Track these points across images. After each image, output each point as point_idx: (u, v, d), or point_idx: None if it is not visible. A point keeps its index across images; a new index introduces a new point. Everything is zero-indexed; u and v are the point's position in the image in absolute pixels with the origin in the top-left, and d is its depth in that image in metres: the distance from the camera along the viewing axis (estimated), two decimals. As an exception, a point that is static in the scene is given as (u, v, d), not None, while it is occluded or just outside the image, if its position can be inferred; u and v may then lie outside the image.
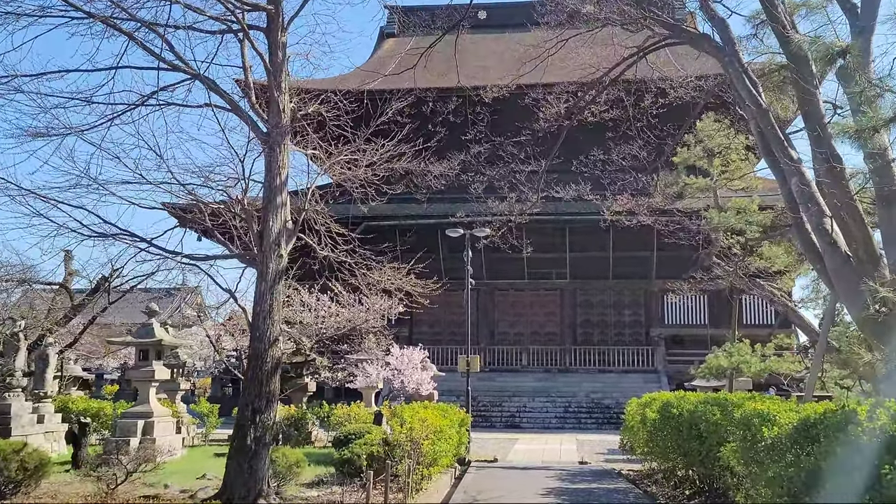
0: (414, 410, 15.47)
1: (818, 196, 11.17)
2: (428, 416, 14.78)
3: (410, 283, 16.96)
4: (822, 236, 10.90)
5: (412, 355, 22.76)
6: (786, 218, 15.79)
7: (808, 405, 8.86)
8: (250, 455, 10.93)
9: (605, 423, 32.51)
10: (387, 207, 37.74)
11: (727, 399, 12.60)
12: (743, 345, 20.17)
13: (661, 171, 18.68)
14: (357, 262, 15.27)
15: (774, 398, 12.35)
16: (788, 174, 11.50)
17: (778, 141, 11.54)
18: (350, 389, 25.15)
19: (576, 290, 38.75)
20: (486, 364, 37.44)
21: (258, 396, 11.16)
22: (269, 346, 11.35)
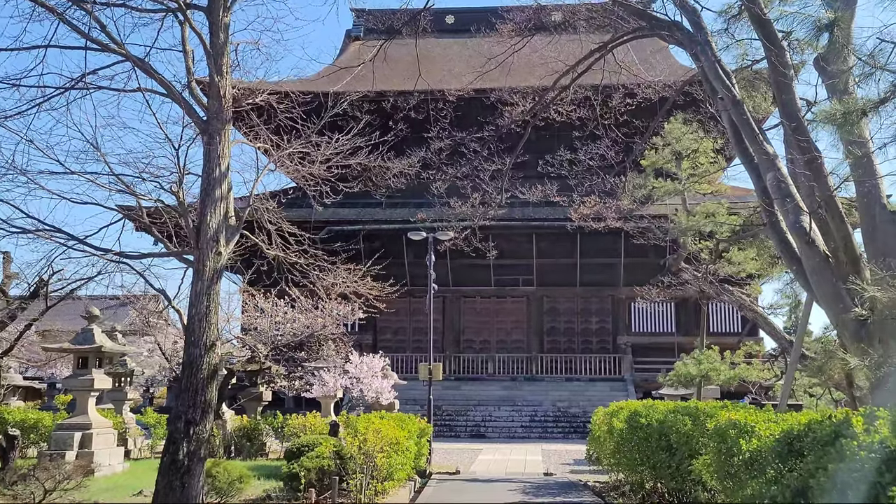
0: (369, 421, 14.51)
1: (795, 192, 10.47)
2: (383, 426, 13.82)
3: (366, 286, 15.98)
4: (799, 235, 10.19)
5: (372, 363, 21.78)
6: (757, 219, 15.15)
7: (791, 415, 8.09)
8: (182, 471, 9.91)
9: (571, 432, 31.78)
10: (351, 212, 37.03)
11: (698, 408, 11.83)
12: (712, 352, 19.51)
13: (630, 173, 17.99)
14: (310, 264, 14.29)
15: (749, 407, 11.60)
16: (764, 169, 10.80)
17: (752, 134, 10.83)
18: (312, 399, 24.16)
19: (543, 298, 38.03)
20: (452, 372, 36.57)
21: (192, 407, 10.14)
22: (205, 352, 10.34)
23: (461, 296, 38.18)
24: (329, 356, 23.20)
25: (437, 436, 31.88)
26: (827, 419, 6.82)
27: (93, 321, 17.61)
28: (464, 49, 45.61)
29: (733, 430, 8.40)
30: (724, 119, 12.09)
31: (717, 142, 21.19)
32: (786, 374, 13.20)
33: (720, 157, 21.27)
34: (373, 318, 39.05)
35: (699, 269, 20.90)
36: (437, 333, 37.90)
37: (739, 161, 11.75)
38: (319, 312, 22.02)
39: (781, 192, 10.49)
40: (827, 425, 6.44)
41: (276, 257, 14.23)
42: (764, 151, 10.73)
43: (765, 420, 8.17)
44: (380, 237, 37.54)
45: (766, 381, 21.54)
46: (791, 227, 10.37)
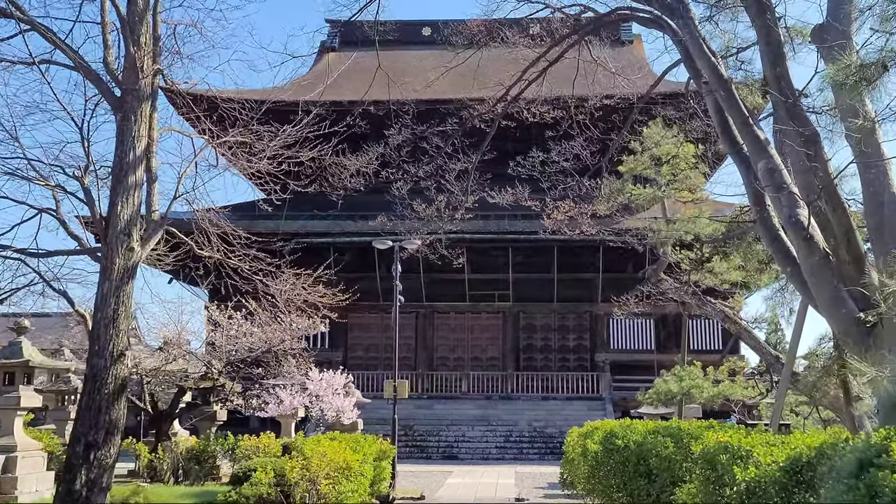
0: (318, 443, 12.98)
1: (790, 181, 9.13)
2: (331, 449, 12.30)
3: (318, 293, 14.50)
4: (795, 230, 8.83)
5: (332, 379, 20.19)
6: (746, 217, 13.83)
7: (795, 437, 6.70)
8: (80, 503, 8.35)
9: (547, 453, 30.24)
10: (321, 224, 35.50)
11: (681, 428, 10.42)
12: (694, 368, 18.15)
13: (606, 176, 16.66)
14: (255, 270, 12.80)
15: (738, 428, 10.21)
16: (754, 156, 9.47)
17: (741, 116, 9.52)
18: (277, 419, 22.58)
19: (519, 313, 36.60)
20: (425, 391, 35.02)
21: (94, 427, 8.61)
22: (111, 363, 8.83)
23: (435, 311, 36.69)
24: (290, 373, 21.60)
25: (408, 457, 30.30)
26: (844, 443, 5.42)
27: (22, 333, 15.97)
28: (439, 59, 44.57)
29: (724, 455, 6.98)
30: (709, 106, 10.79)
31: (698, 147, 20.00)
32: (777, 391, 11.85)
33: (702, 164, 20.02)
34: (343, 334, 37.65)
35: (680, 280, 19.60)
36: (409, 350, 36.45)
37: (727, 152, 10.44)
38: (277, 326, 20.50)
39: (774, 181, 9.16)
40: (847, 451, 5.03)
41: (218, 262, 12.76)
42: (754, 136, 9.41)
43: (763, 443, 6.76)
44: (351, 250, 36.09)
45: (750, 399, 20.17)
46: (786, 222, 9.02)
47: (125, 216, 9.09)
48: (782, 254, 9.58)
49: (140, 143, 9.30)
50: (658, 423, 11.61)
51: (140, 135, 9.30)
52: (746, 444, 6.75)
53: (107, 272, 8.93)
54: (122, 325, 8.95)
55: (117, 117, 9.41)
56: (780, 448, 6.25)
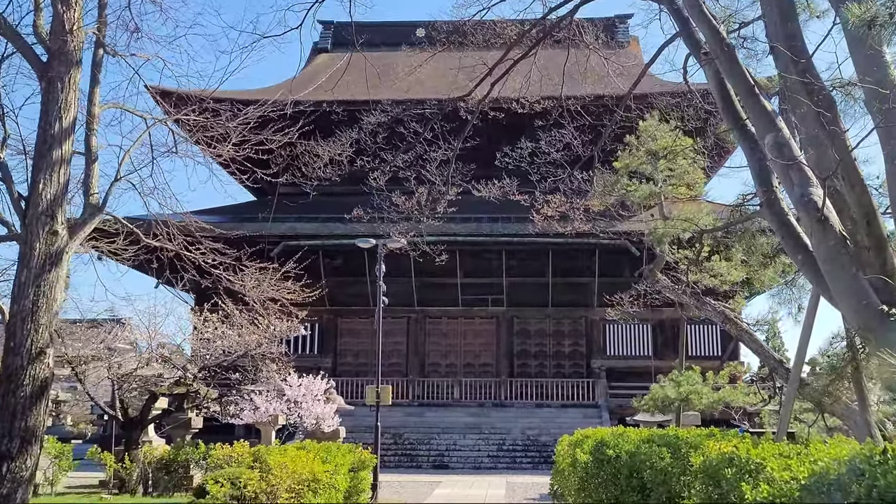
0: (284, 453, 11.81)
1: (801, 157, 8.01)
2: (296, 459, 11.13)
3: (286, 290, 13.36)
4: (808, 211, 7.69)
5: (312, 385, 19.04)
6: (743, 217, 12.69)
7: (817, 448, 5.56)
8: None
9: (541, 462, 29.00)
10: (308, 226, 34.35)
11: (679, 437, 9.26)
12: (693, 372, 16.99)
13: (599, 168, 15.56)
14: (216, 263, 11.67)
15: (743, 436, 9.05)
16: (761, 130, 8.35)
17: (745, 86, 8.40)
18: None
19: (513, 319, 35.42)
20: (416, 398, 33.82)
21: (7, 435, 7.48)
22: (29, 361, 7.69)
23: (426, 316, 35.51)
24: (269, 378, 20.44)
25: (397, 466, 29.08)
26: (883, 455, 4.28)
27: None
28: (434, 60, 43.59)
29: (730, 469, 5.83)
30: (709, 80, 9.67)
31: (696, 140, 18.91)
32: (784, 397, 10.71)
33: (700, 158, 18.90)
34: (332, 339, 36.47)
35: (677, 280, 18.46)
36: (400, 356, 35.29)
37: (729, 128, 9.31)
38: (255, 329, 19.37)
39: (783, 157, 8.03)
40: (893, 465, 3.90)
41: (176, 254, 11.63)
42: (760, 108, 8.29)
43: (776, 455, 5.61)
44: (341, 254, 34.98)
45: (752, 406, 19.01)
46: (797, 202, 7.88)
47: (48, 195, 7.97)
48: (792, 240, 8.44)
49: (68, 114, 8.20)
50: (653, 431, 10.47)
51: (68, 104, 8.20)
52: (756, 456, 5.61)
53: (25, 258, 7.81)
54: (43, 318, 7.82)
55: (42, 85, 8.32)
56: (799, 461, 5.11)
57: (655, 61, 13.95)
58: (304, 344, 35.18)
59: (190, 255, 10.95)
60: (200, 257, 11.21)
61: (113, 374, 19.48)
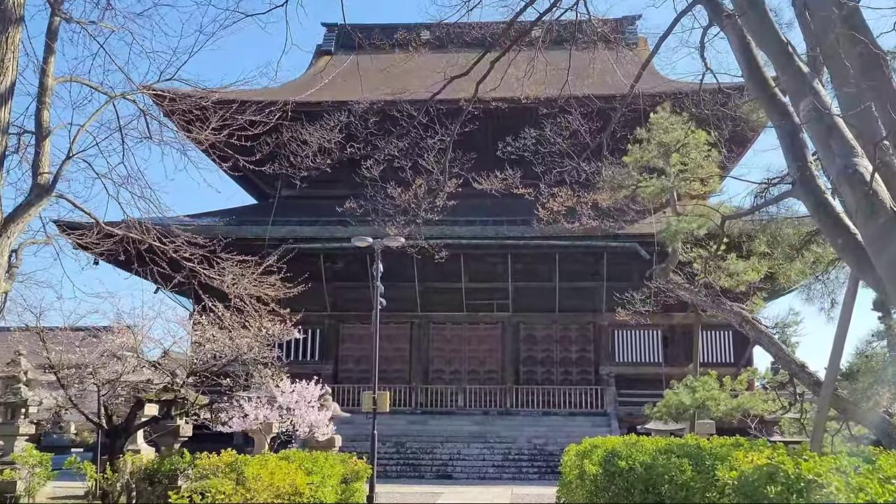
0: (263, 463, 10.74)
1: (842, 125, 6.91)
2: (276, 471, 10.06)
3: (269, 286, 12.29)
4: (852, 184, 6.60)
5: (305, 391, 17.94)
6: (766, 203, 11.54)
7: (888, 460, 4.44)
8: None
9: (548, 472, 27.80)
10: (310, 230, 33.31)
11: (700, 447, 8.15)
12: (709, 377, 15.84)
13: (608, 158, 14.42)
14: (189, 255, 10.63)
15: (774, 447, 7.92)
16: (795, 96, 7.26)
17: (778, 46, 7.33)
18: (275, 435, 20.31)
19: (519, 324, 34.25)
20: (419, 405, 32.68)
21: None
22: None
23: (430, 322, 34.39)
24: (262, 383, 19.34)
25: (399, 477, 27.94)
26: None
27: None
28: (440, 61, 42.64)
29: (773, 488, 4.73)
30: (732, 45, 8.58)
31: (710, 133, 17.82)
32: (819, 402, 9.55)
33: (713, 151, 17.80)
34: (334, 345, 35.37)
35: (691, 279, 17.34)
36: (403, 363, 34.20)
37: (756, 97, 8.22)
38: (245, 331, 18.29)
39: (822, 125, 6.93)
40: None
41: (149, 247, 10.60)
42: (795, 69, 7.22)
43: (832, 470, 4.50)
44: (343, 257, 33.95)
45: (770, 413, 17.81)
46: (839, 175, 6.79)
47: (-22, 171, 7.01)
48: (831, 221, 7.34)
49: (6, 78, 7.21)
50: (670, 440, 9.35)
51: (4, 66, 7.22)
52: (809, 471, 4.49)
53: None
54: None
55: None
56: (869, 480, 3.99)
57: (667, 59, 12.86)
58: (305, 350, 34.14)
59: (161, 246, 9.93)
60: (172, 249, 10.19)
61: (99, 380, 18.40)
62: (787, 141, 7.87)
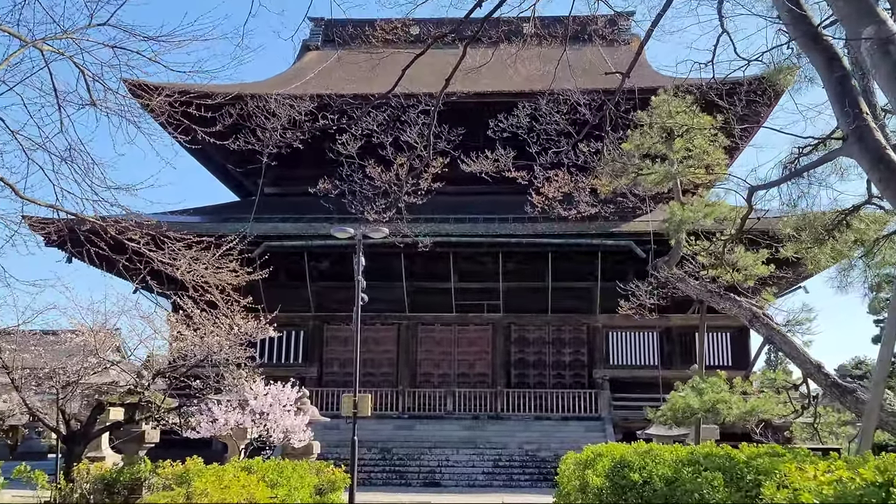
0: (218, 474, 9.26)
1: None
2: (228, 484, 8.57)
3: (233, 275, 10.82)
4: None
5: (280, 394, 16.45)
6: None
7: None
8: None
9: (540, 479, 26.36)
10: (294, 227, 31.81)
11: (732, 458, 6.72)
12: (718, 379, 14.46)
13: (609, 135, 13.01)
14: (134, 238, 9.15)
15: (826, 456, 6.52)
16: (854, 26, 5.85)
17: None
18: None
19: (510, 326, 32.79)
20: (406, 410, 31.16)
21: None
22: None
23: (419, 323, 32.89)
24: (236, 385, 17.83)
25: (384, 484, 26.41)
26: None
27: None
28: (431, 58, 41.20)
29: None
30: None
31: (716, 118, 16.52)
32: (868, 403, 8.12)
33: (720, 136, 16.46)
34: (318, 348, 33.79)
35: (694, 275, 15.99)
36: (390, 365, 32.71)
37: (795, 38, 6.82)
38: (216, 329, 16.82)
39: (891, 60, 5.52)
40: None
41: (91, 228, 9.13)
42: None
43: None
44: (328, 256, 32.47)
45: (780, 418, 16.44)
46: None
47: None
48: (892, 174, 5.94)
49: None
50: (691, 448, 7.93)
51: None
52: None
53: None
54: None
55: None
56: None
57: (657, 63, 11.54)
58: (288, 352, 32.62)
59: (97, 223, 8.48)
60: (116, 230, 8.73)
61: (57, 382, 16.87)
62: (836, 89, 6.48)
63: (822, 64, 6.63)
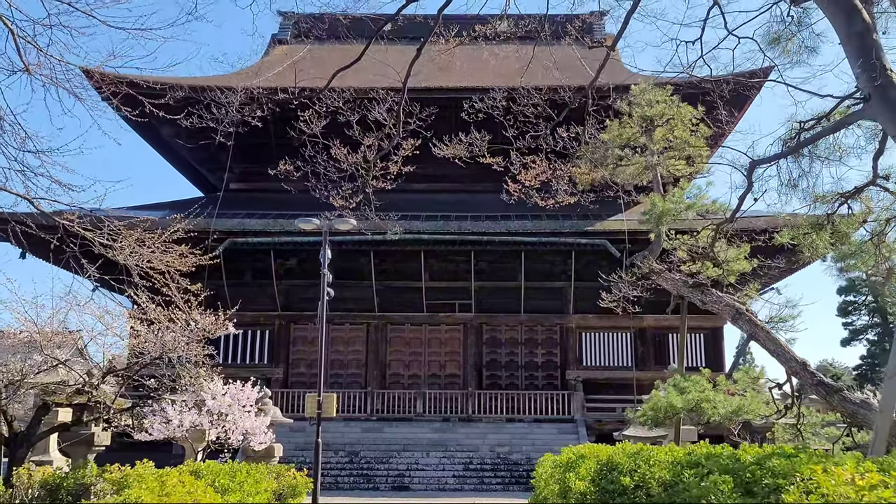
0: (161, 479, 8.27)
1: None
2: (175, 491, 7.60)
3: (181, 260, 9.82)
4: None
5: (239, 394, 15.42)
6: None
7: None
8: None
9: (512, 482, 25.59)
10: (259, 223, 30.68)
11: (739, 459, 5.92)
12: (701, 377, 13.75)
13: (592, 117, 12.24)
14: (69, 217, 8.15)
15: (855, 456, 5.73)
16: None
17: None
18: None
19: (482, 326, 31.96)
20: (375, 412, 30.17)
21: None
22: None
23: (388, 323, 31.91)
24: (193, 386, 16.73)
25: (352, 488, 25.44)
26: None
27: None
28: (401, 55, 40.35)
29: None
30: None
31: (697, 108, 15.87)
32: (883, 401, 7.35)
33: (702, 127, 15.80)
34: (284, 348, 32.62)
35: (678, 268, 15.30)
36: (359, 366, 31.71)
37: None
38: (171, 325, 15.72)
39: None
40: None
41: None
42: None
43: None
44: (296, 254, 31.40)
45: (762, 419, 15.80)
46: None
47: None
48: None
49: None
50: (691, 449, 7.13)
51: None
52: None
53: None
54: None
55: None
56: None
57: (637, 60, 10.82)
58: (253, 352, 31.46)
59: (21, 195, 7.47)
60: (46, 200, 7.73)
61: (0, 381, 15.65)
62: (856, 44, 5.72)
63: (840, 18, 5.89)
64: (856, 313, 45.96)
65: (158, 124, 30.35)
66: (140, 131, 32.54)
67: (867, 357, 45.99)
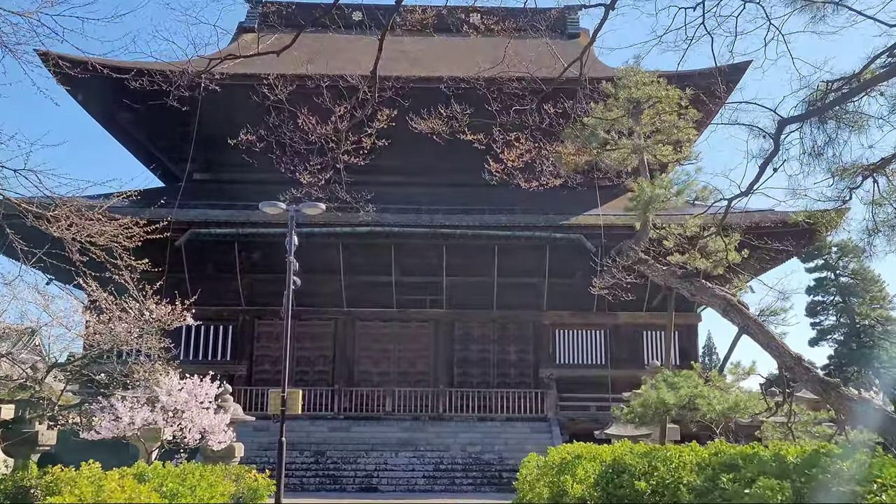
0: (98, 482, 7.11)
1: None
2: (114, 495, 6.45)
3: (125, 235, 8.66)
4: None
5: (197, 390, 14.20)
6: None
7: None
8: None
9: (484, 483, 24.65)
10: (222, 213, 29.33)
11: (783, 460, 4.96)
12: (693, 372, 12.90)
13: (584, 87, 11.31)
14: None
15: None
16: None
17: None
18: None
19: (453, 322, 30.95)
20: (342, 410, 29.00)
21: None
22: None
23: (357, 319, 30.75)
24: (147, 381, 15.47)
25: (318, 489, 24.29)
26: None
27: None
28: (370, 45, 39.13)
29: None
30: None
31: (685, 91, 15.09)
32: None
33: (691, 110, 15.00)
34: (248, 344, 31.27)
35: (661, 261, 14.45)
36: (326, 363, 30.51)
37: None
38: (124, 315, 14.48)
39: None
40: None
41: None
42: None
43: None
44: (261, 247, 30.01)
45: (750, 417, 15.01)
46: None
47: None
48: None
49: None
50: (718, 448, 6.18)
51: None
52: None
53: None
54: None
55: None
56: None
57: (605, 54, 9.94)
58: (216, 348, 30.10)
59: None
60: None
61: None
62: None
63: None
64: (824, 313, 45.86)
65: (116, 108, 28.96)
66: (106, 125, 31.33)
67: (834, 357, 45.92)
